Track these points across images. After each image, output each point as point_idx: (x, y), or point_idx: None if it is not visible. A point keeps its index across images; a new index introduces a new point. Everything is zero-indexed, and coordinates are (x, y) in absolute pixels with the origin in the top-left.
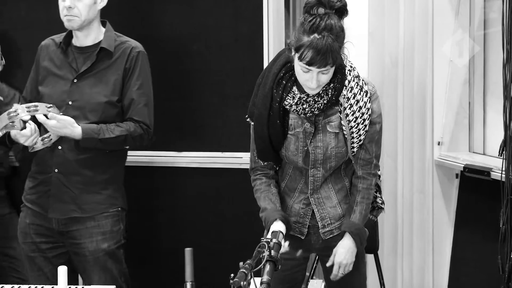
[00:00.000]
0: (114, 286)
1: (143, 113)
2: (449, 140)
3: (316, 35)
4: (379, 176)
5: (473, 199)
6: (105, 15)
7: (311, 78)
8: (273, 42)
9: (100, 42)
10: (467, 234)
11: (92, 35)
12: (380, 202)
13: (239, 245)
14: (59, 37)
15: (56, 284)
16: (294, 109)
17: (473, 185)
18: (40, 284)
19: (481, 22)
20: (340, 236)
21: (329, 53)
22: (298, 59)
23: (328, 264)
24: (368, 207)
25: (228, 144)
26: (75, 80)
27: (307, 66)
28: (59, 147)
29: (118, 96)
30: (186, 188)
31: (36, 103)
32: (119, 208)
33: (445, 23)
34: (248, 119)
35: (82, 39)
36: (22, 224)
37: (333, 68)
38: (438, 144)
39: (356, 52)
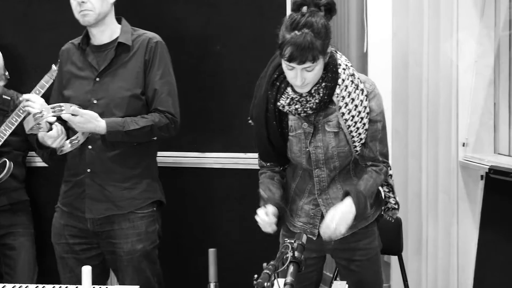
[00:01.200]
0: (138, 286)
1: (167, 102)
2: (474, 141)
3: (296, 32)
4: (391, 175)
5: (498, 200)
6: (127, 15)
7: (296, 76)
8: None
9: (117, 38)
10: (492, 235)
11: (108, 31)
12: (393, 202)
13: (263, 246)
14: (78, 40)
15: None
16: (287, 110)
17: (498, 187)
18: (71, 285)
19: (506, 23)
20: (351, 236)
21: (309, 49)
22: (280, 56)
23: (322, 227)
24: (374, 186)
25: (251, 145)
26: (97, 79)
27: (288, 63)
28: (89, 147)
29: (142, 88)
30: (209, 188)
31: (60, 104)
32: (155, 208)
33: (470, 23)
34: (250, 121)
35: (99, 37)
36: (57, 224)
37: (319, 66)
38: (463, 145)
39: (380, 53)
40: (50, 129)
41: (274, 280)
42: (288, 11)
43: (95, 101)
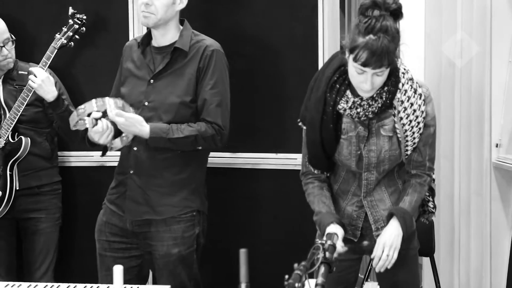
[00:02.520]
0: (169, 286)
1: (215, 113)
2: (507, 142)
3: (371, 36)
4: (434, 179)
5: None
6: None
7: (366, 80)
8: (328, 43)
9: (175, 41)
10: None
11: (169, 35)
12: (431, 206)
13: (293, 246)
14: (140, 37)
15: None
16: (348, 113)
17: None
18: (107, 283)
19: None
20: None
21: (385, 54)
22: (353, 60)
23: (372, 255)
24: (419, 201)
25: (283, 145)
26: (151, 81)
27: (361, 67)
28: (135, 148)
29: (192, 96)
30: (240, 189)
31: (104, 98)
32: (194, 213)
33: (503, 23)
34: (300, 123)
35: (160, 39)
36: (100, 221)
37: (388, 70)
38: (496, 146)
39: (413, 53)
40: (95, 124)
41: (305, 280)
42: (320, 12)
43: (146, 103)
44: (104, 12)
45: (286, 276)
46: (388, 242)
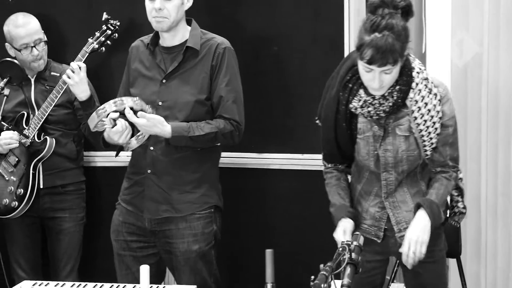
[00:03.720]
0: (195, 286)
1: (232, 109)
2: None
3: (376, 34)
4: (461, 179)
5: None
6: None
7: (374, 78)
8: (353, 42)
9: (186, 41)
10: None
11: (178, 35)
12: (461, 206)
13: (319, 247)
14: (147, 38)
15: None
16: (359, 112)
17: None
18: (126, 283)
19: None
20: None
21: (389, 52)
22: (359, 58)
23: (400, 250)
24: (446, 194)
25: (309, 146)
26: (163, 81)
27: (367, 65)
28: (151, 148)
29: (207, 94)
30: (266, 189)
31: (122, 98)
32: (212, 209)
33: None
34: (317, 121)
35: (169, 40)
36: (116, 221)
37: (397, 68)
38: None
39: (439, 53)
40: (114, 125)
41: (331, 281)
42: (346, 12)
43: (160, 103)
44: (137, 18)
45: (312, 277)
46: (414, 237)
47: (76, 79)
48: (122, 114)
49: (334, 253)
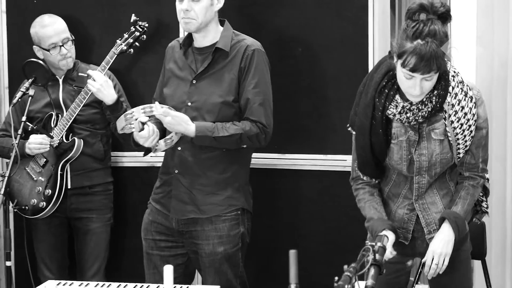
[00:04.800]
0: (218, 286)
1: (258, 112)
2: None
3: (419, 41)
4: (487, 179)
5: None
6: None
7: (414, 85)
8: (378, 43)
9: (216, 42)
10: None
11: (209, 36)
12: (485, 206)
13: (342, 248)
14: (182, 39)
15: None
16: (397, 118)
17: None
18: (154, 283)
19: None
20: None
21: (433, 59)
22: (401, 65)
23: (423, 260)
24: (472, 203)
25: (332, 146)
26: (194, 81)
27: (410, 73)
28: (179, 148)
29: (234, 96)
30: (288, 190)
31: (151, 104)
32: (239, 212)
33: None
34: (349, 128)
35: (200, 40)
36: (146, 220)
37: (437, 74)
38: None
39: (465, 55)
40: (142, 128)
41: (355, 282)
42: (370, 13)
43: (189, 103)
44: (165, 19)
45: (336, 278)
46: (438, 250)
47: (97, 85)
48: (154, 118)
49: (358, 254)
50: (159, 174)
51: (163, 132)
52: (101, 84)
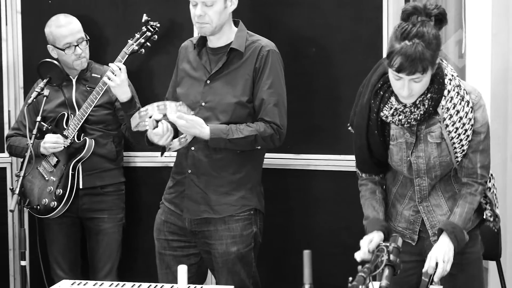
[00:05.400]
0: (232, 287)
1: (273, 113)
2: None
3: (406, 42)
4: (489, 188)
5: None
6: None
7: (403, 86)
8: None
9: (231, 42)
10: None
11: (224, 37)
12: (489, 215)
13: (356, 248)
14: (196, 39)
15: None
16: (390, 120)
17: None
18: (166, 283)
19: None
20: None
21: (419, 60)
22: (388, 65)
23: (425, 268)
24: (471, 211)
25: (345, 146)
26: (208, 81)
27: (396, 73)
28: (192, 148)
29: (249, 96)
30: (302, 190)
31: (165, 102)
32: (252, 212)
33: None
34: (349, 128)
35: (215, 41)
36: (158, 220)
37: (427, 77)
38: None
39: (479, 54)
40: (156, 126)
41: (369, 283)
42: (385, 13)
43: (203, 104)
44: (178, 19)
45: (350, 278)
46: (440, 256)
47: (117, 80)
48: (165, 115)
49: (373, 254)
50: (171, 174)
51: (176, 131)
52: (122, 80)
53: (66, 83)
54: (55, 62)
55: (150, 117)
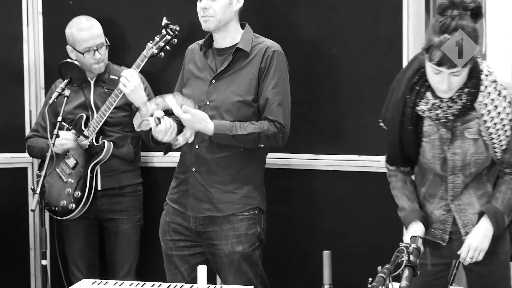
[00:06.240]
0: (252, 287)
1: (277, 112)
2: None
3: (446, 35)
4: None
5: None
6: (246, 18)
7: (442, 80)
8: (413, 44)
9: (237, 43)
10: None
11: (229, 37)
12: None
13: (376, 249)
14: (202, 41)
15: (192, 283)
16: (427, 115)
17: None
18: (176, 282)
19: None
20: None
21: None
22: (428, 60)
23: (459, 252)
24: None
25: (366, 147)
26: (213, 81)
27: (436, 67)
28: (196, 146)
29: (254, 95)
30: (322, 191)
31: (162, 95)
32: (255, 211)
33: None
34: (381, 123)
35: (221, 41)
36: (163, 221)
37: (466, 70)
38: None
39: (499, 53)
40: (159, 123)
41: (389, 284)
42: (405, 13)
43: (208, 103)
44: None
45: (370, 279)
46: (474, 243)
47: (130, 86)
48: (169, 114)
49: (392, 255)
50: (175, 174)
51: (179, 128)
52: (135, 86)
53: (84, 85)
54: (76, 62)
55: (152, 115)
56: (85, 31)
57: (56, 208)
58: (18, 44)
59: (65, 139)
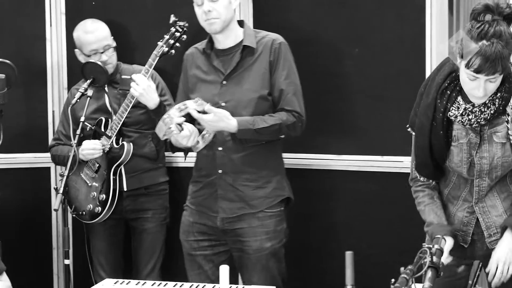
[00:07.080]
0: (275, 287)
1: (293, 102)
2: None
3: (484, 41)
4: None
5: None
6: (268, 18)
7: (478, 87)
8: (435, 44)
9: (241, 41)
10: None
11: (232, 36)
12: None
13: (397, 250)
14: (201, 45)
15: (217, 282)
16: (459, 120)
17: None
18: (200, 282)
19: None
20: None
21: (499, 60)
22: (465, 66)
23: (487, 270)
24: None
25: (389, 148)
26: (224, 82)
27: (474, 74)
28: (219, 148)
29: (268, 89)
30: (344, 191)
31: (184, 102)
32: (282, 208)
33: None
34: (409, 129)
35: (224, 41)
36: (186, 222)
37: (501, 76)
38: None
39: None
40: (182, 129)
41: (412, 284)
42: (428, 14)
43: (223, 104)
44: None
45: (393, 280)
46: (502, 258)
47: (139, 89)
48: (186, 120)
49: (415, 256)
50: (195, 179)
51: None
52: (144, 89)
53: (97, 88)
54: (99, 63)
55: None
56: (90, 34)
57: (84, 213)
58: (41, 44)
59: (93, 149)
